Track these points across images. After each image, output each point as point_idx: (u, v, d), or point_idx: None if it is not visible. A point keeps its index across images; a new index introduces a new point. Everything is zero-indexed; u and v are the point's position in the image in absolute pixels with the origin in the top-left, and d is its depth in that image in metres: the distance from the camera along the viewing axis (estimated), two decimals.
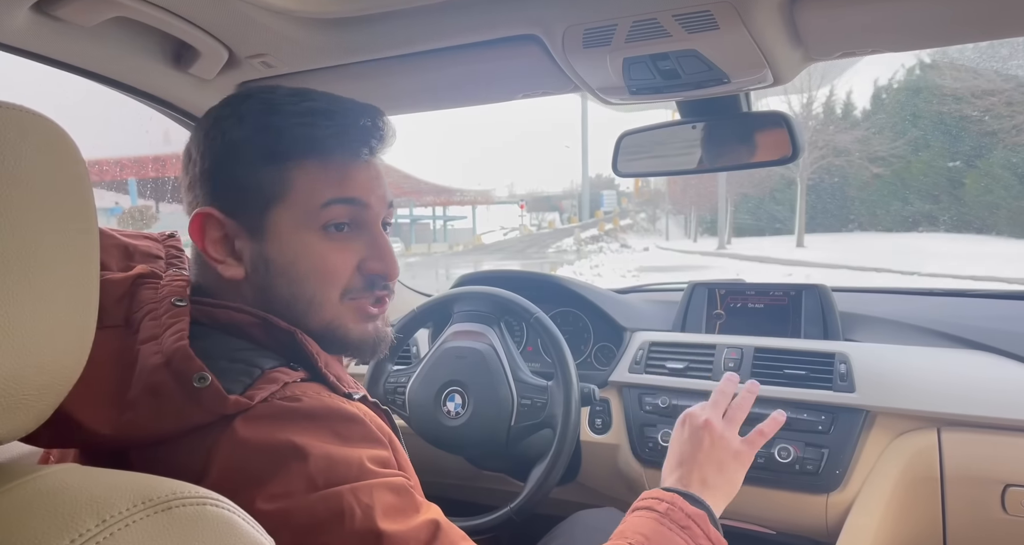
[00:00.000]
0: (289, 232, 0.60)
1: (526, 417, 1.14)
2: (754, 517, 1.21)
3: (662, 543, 0.65)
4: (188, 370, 0.49)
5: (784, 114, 1.00)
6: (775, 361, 1.22)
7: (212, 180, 0.60)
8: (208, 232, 0.59)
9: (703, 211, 26.55)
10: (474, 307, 1.25)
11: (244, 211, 0.59)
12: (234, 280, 0.60)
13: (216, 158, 0.60)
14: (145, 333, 0.51)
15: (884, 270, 13.38)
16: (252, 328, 0.56)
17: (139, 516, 0.36)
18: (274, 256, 0.59)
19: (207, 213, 0.59)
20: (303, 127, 0.59)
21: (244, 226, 0.60)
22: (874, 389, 1.12)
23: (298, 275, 0.60)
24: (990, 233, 18.97)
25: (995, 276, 10.58)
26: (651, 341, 1.35)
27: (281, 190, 0.59)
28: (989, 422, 1.04)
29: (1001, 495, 1.03)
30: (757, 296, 1.36)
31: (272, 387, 0.52)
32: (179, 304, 0.54)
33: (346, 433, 0.52)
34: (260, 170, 0.59)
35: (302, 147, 0.59)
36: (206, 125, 0.61)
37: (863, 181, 22.22)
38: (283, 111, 0.59)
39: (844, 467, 1.10)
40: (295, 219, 0.60)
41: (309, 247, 0.60)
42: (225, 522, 0.40)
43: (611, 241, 25.54)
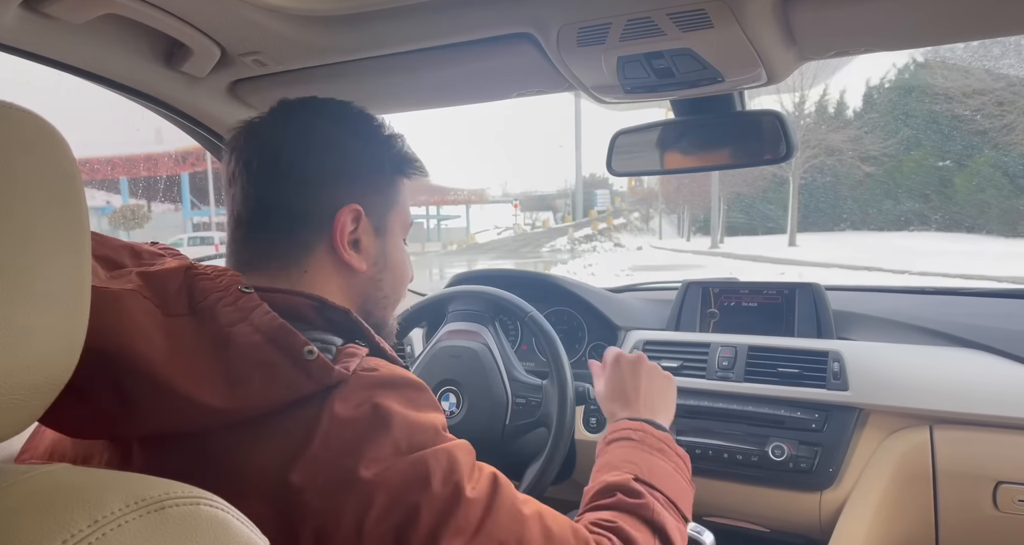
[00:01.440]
0: (396, 235, 0.71)
1: (521, 416, 1.14)
2: (748, 515, 1.22)
3: (648, 466, 0.73)
4: (295, 344, 0.51)
5: (778, 113, 1.00)
6: (769, 359, 1.22)
7: (352, 181, 0.65)
8: (346, 227, 0.64)
9: (696, 210, 26.63)
10: (468, 306, 1.25)
11: (376, 211, 0.67)
12: (355, 271, 0.66)
13: (356, 162, 0.66)
14: (227, 318, 0.52)
15: (875, 268, 13.47)
16: (308, 310, 0.59)
17: (132, 516, 0.35)
18: (390, 254, 0.70)
19: (354, 209, 0.64)
20: (404, 152, 0.70)
21: (373, 225, 0.67)
22: (867, 387, 1.12)
23: (400, 274, 0.71)
24: (981, 232, 19.10)
25: (986, 274, 10.67)
26: (645, 340, 1.35)
27: (396, 198, 0.70)
28: (981, 419, 1.04)
29: (993, 492, 1.03)
30: (751, 295, 1.36)
31: (355, 360, 0.55)
32: (247, 291, 0.55)
33: (418, 400, 0.57)
34: (387, 179, 0.69)
35: (403, 167, 0.71)
36: (312, 126, 0.65)
37: (855, 180, 22.33)
38: (392, 135, 0.70)
39: (837, 465, 1.11)
40: (399, 226, 0.71)
41: (404, 251, 0.73)
42: (219, 522, 0.40)
43: (605, 240, 25.58)
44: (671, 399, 0.92)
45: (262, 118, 0.67)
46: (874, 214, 22.49)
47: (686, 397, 1.24)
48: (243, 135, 0.66)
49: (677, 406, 1.24)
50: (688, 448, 1.20)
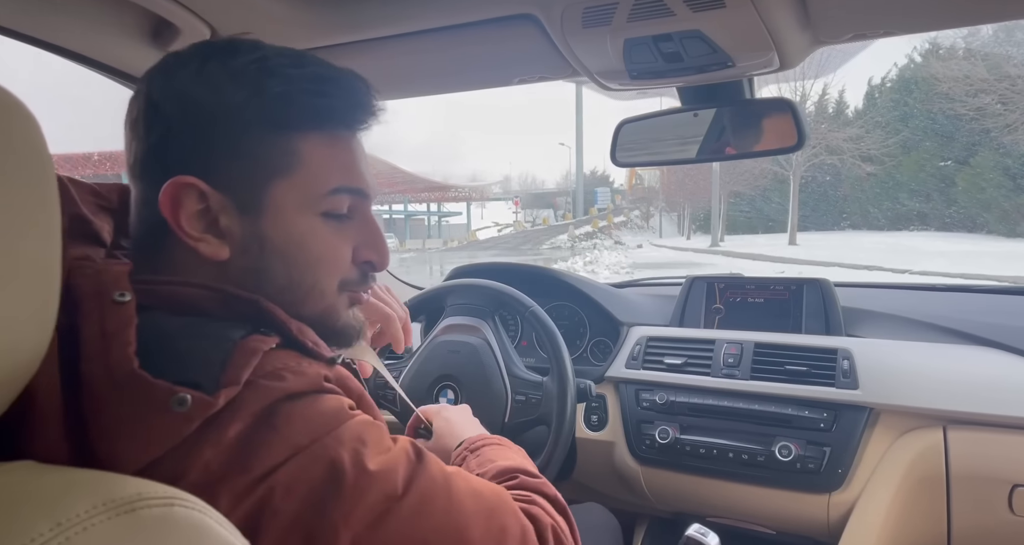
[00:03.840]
0: (292, 211, 0.54)
1: (520, 413, 1.11)
2: (753, 516, 1.18)
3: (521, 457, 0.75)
4: (157, 395, 0.42)
5: (789, 101, 0.96)
6: (776, 357, 1.19)
7: (194, 147, 0.52)
8: (184, 205, 0.51)
9: (696, 208, 26.62)
10: (468, 300, 1.22)
11: (238, 184, 0.52)
12: (214, 260, 0.52)
13: (201, 122, 0.52)
14: (87, 347, 0.43)
15: (876, 268, 13.47)
16: (206, 302, 0.50)
17: (99, 519, 0.33)
18: (271, 236, 0.53)
19: (186, 183, 0.51)
20: (311, 95, 0.53)
21: (235, 200, 0.52)
22: (878, 386, 1.09)
23: (300, 259, 0.55)
24: (981, 232, 19.11)
25: (987, 274, 10.68)
26: (649, 336, 1.32)
27: (287, 164, 0.53)
28: (998, 420, 1.01)
29: (1009, 495, 1.00)
30: (757, 290, 1.33)
31: (251, 360, 0.46)
32: (121, 300, 0.45)
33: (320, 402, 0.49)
34: (263, 139, 0.52)
35: (310, 117, 0.54)
36: (169, 85, 0.52)
37: (855, 179, 22.34)
38: (285, 74, 0.53)
39: (847, 466, 1.07)
40: (299, 198, 0.54)
41: (313, 231, 0.55)
42: (194, 524, 0.37)
43: (605, 238, 25.56)
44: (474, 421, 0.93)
45: (151, 68, 0.55)
46: (875, 213, 22.50)
47: (690, 395, 1.21)
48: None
49: (682, 404, 1.21)
50: (692, 447, 1.17)
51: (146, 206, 0.53)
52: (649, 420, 1.23)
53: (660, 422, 1.21)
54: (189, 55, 0.54)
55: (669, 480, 1.21)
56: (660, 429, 1.20)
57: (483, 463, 0.71)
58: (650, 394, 1.24)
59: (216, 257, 0.52)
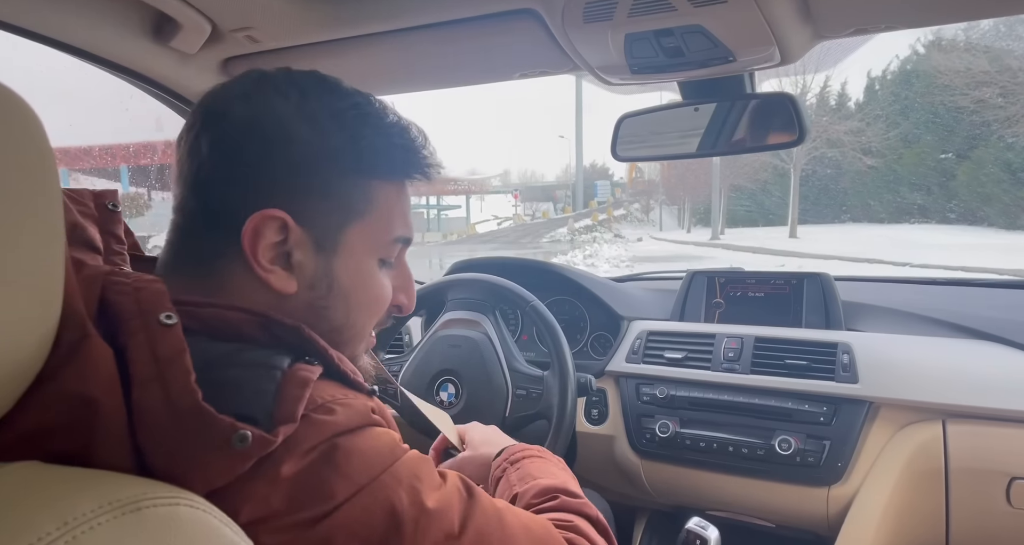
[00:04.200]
0: (360, 254, 0.56)
1: (521, 408, 1.11)
2: (753, 510, 1.19)
3: (563, 475, 0.73)
4: (220, 431, 0.41)
5: (790, 95, 0.96)
6: (776, 351, 1.19)
7: (284, 180, 0.52)
8: (265, 236, 0.51)
9: (696, 202, 26.58)
10: (468, 295, 1.22)
11: (321, 222, 0.53)
12: (279, 293, 0.53)
13: (298, 158, 0.52)
14: (138, 370, 0.41)
15: (876, 261, 13.44)
16: (247, 327, 0.49)
17: (105, 518, 0.33)
18: (340, 276, 0.55)
19: (275, 216, 0.51)
20: (396, 147, 0.56)
21: (313, 237, 0.53)
22: (878, 380, 1.09)
23: (360, 301, 0.57)
24: (982, 225, 19.08)
25: (987, 267, 10.67)
26: (649, 330, 1.32)
27: (364, 208, 0.55)
28: (996, 413, 1.01)
29: (1007, 488, 1.00)
30: (757, 285, 1.33)
31: (304, 393, 0.46)
32: (168, 322, 0.43)
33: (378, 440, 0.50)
34: (349, 182, 0.54)
35: (391, 167, 0.57)
36: (263, 111, 0.52)
37: (856, 172, 22.30)
38: (377, 124, 0.55)
39: (846, 459, 1.08)
40: (368, 243, 0.56)
41: (372, 275, 0.58)
42: (200, 523, 0.37)
43: (605, 231, 25.53)
44: None
45: (215, 88, 0.55)
46: (875, 206, 22.47)
47: (690, 389, 1.21)
48: (194, 110, 0.55)
49: (682, 398, 1.22)
50: (692, 441, 1.18)
51: (207, 228, 0.53)
52: (649, 414, 1.23)
53: (660, 416, 1.22)
54: (282, 83, 0.54)
55: (669, 474, 1.22)
56: (660, 423, 1.21)
57: (524, 477, 0.71)
58: (650, 388, 1.25)
59: (283, 290, 0.53)
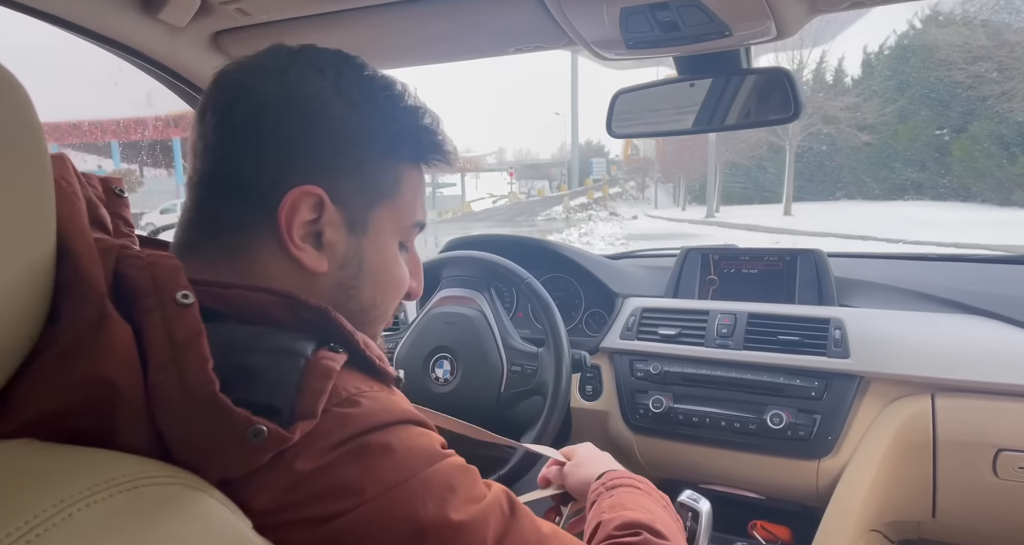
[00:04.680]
0: (386, 236, 0.57)
1: (516, 384, 1.12)
2: (744, 483, 1.21)
3: (662, 516, 0.67)
4: (235, 424, 0.40)
5: (785, 70, 0.95)
6: (769, 327, 1.20)
7: (320, 158, 0.52)
8: (300, 213, 0.51)
9: (692, 179, 26.50)
10: (463, 272, 1.22)
11: (354, 202, 0.53)
12: (311, 271, 0.52)
13: (336, 137, 0.52)
14: (154, 352, 0.40)
15: (870, 238, 13.48)
16: (273, 309, 0.47)
17: (101, 496, 0.33)
18: (369, 256, 0.55)
19: (312, 193, 0.51)
20: (422, 131, 0.57)
21: (346, 217, 0.53)
22: (869, 355, 1.10)
23: (386, 282, 0.58)
24: (975, 201, 19.12)
25: (979, 243, 10.73)
26: (643, 307, 1.33)
27: (392, 190, 0.56)
28: (985, 387, 1.03)
29: (993, 459, 1.02)
30: (751, 261, 1.34)
31: (326, 385, 0.44)
32: (186, 302, 0.41)
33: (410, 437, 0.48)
34: (381, 163, 0.55)
35: (416, 151, 0.58)
36: (296, 90, 0.52)
37: (851, 149, 22.24)
38: (406, 107, 0.56)
39: (836, 433, 1.09)
40: (393, 225, 0.57)
41: (396, 258, 0.59)
42: (197, 502, 0.37)
43: (600, 209, 25.48)
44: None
45: (242, 63, 0.54)
46: (870, 183, 22.46)
47: (684, 365, 1.23)
48: (215, 81, 0.54)
49: (675, 374, 1.23)
50: (685, 416, 1.19)
51: (238, 204, 0.51)
52: (643, 390, 1.24)
53: (654, 392, 1.23)
54: (317, 60, 0.53)
55: (662, 448, 1.24)
56: (654, 399, 1.22)
57: (614, 506, 0.67)
58: (644, 364, 1.26)
59: (315, 269, 0.52)
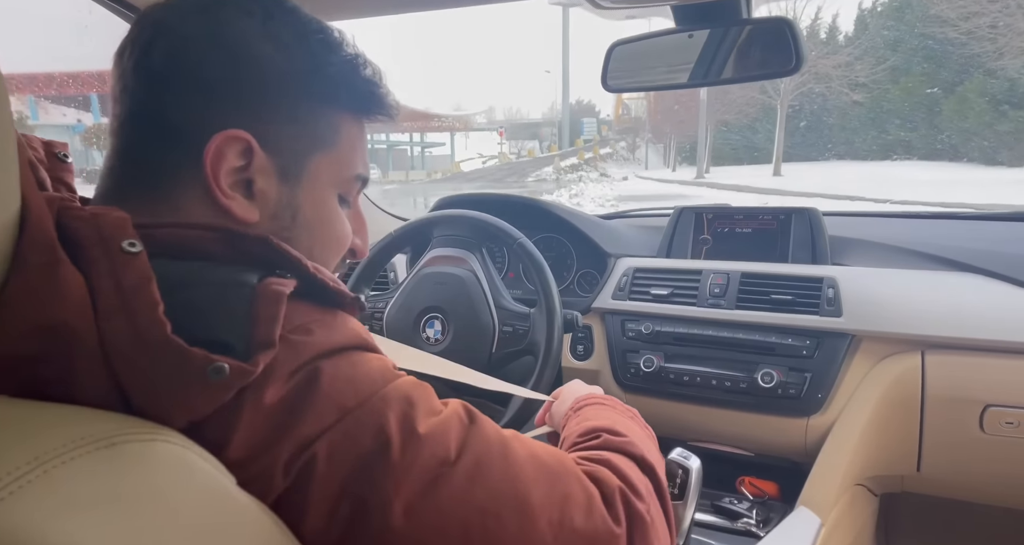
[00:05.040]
0: (324, 187, 0.54)
1: (508, 344, 1.11)
2: (733, 440, 1.22)
3: (624, 422, 0.68)
4: (194, 364, 0.39)
5: (787, 20, 0.92)
6: (762, 286, 1.19)
7: (248, 103, 0.49)
8: (226, 159, 0.48)
9: (683, 139, 26.34)
10: (454, 231, 1.20)
11: (285, 149, 0.51)
12: (241, 222, 0.49)
13: (263, 80, 0.49)
14: (103, 302, 0.38)
15: (858, 198, 13.56)
16: (210, 244, 0.45)
17: (79, 452, 0.32)
18: (304, 207, 0.53)
19: (239, 138, 0.48)
20: (362, 80, 0.54)
21: (277, 165, 0.51)
22: (861, 313, 1.10)
23: (324, 236, 0.55)
24: (962, 160, 19.20)
25: (964, 202, 10.88)
26: (635, 267, 1.32)
27: (329, 140, 0.53)
28: (975, 344, 1.03)
29: (980, 415, 1.03)
30: (745, 220, 1.32)
31: (278, 311, 0.43)
32: (132, 250, 0.40)
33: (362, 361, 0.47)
34: (315, 110, 0.52)
35: (355, 100, 0.55)
36: (221, 31, 0.49)
37: (843, 108, 22.15)
38: (343, 54, 0.53)
39: (826, 391, 1.10)
40: (331, 176, 0.54)
41: (335, 211, 0.56)
42: (178, 459, 0.36)
43: (590, 170, 25.33)
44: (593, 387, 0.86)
45: (167, 2, 0.51)
46: (859, 143, 22.45)
47: (676, 325, 1.22)
48: (137, 19, 0.51)
49: (667, 333, 1.22)
50: (676, 375, 1.19)
51: (160, 150, 0.49)
52: (634, 349, 1.24)
53: (645, 351, 1.23)
54: (247, 3, 0.50)
55: (652, 406, 1.24)
56: (645, 358, 1.22)
57: (580, 422, 0.68)
58: (636, 324, 1.25)
59: (245, 218, 0.49)
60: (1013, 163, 17.04)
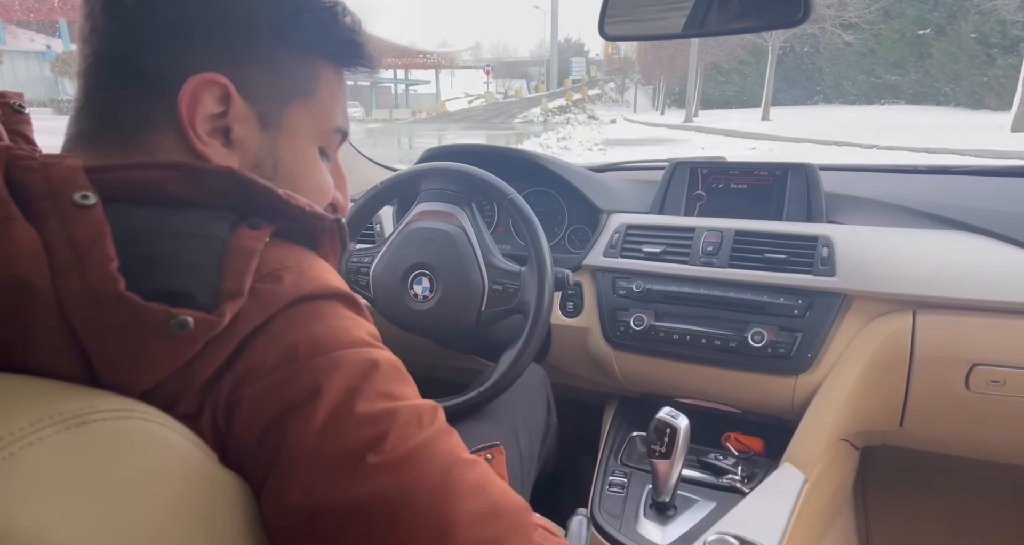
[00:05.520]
0: (304, 138, 0.53)
1: (497, 303, 1.10)
2: (721, 397, 1.23)
3: None
4: (154, 319, 0.37)
5: None
6: (756, 245, 1.17)
7: (227, 47, 0.47)
8: (203, 104, 0.46)
9: (672, 81, 25.86)
10: (443, 185, 1.16)
11: (265, 96, 0.49)
12: None
13: (244, 25, 0.48)
14: (57, 259, 0.36)
15: (845, 143, 13.56)
16: (171, 184, 0.42)
17: (47, 432, 0.30)
18: (285, 157, 0.52)
19: (216, 82, 0.46)
20: (344, 29, 0.53)
21: (257, 112, 0.49)
22: (855, 273, 1.09)
23: (305, 187, 0.53)
24: (949, 104, 19.14)
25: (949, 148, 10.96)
26: (628, 224, 1.29)
27: (308, 89, 0.52)
28: (966, 303, 1.03)
29: (967, 373, 1.04)
30: (740, 176, 1.29)
31: (250, 264, 0.41)
32: (85, 203, 0.38)
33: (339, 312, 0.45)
34: (292, 56, 0.51)
35: (336, 50, 0.54)
36: None
37: (834, 51, 21.82)
38: (324, 3, 0.51)
39: (816, 350, 1.10)
40: (311, 127, 0.53)
41: (316, 162, 0.55)
42: (154, 437, 0.34)
43: (579, 112, 24.91)
44: None
45: None
46: (848, 87, 22.22)
47: (667, 283, 1.21)
48: None
49: (658, 292, 1.21)
50: (666, 334, 1.19)
51: (133, 92, 0.46)
52: (625, 308, 1.23)
53: (635, 310, 1.22)
54: None
55: (641, 364, 1.24)
56: (635, 316, 1.21)
57: None
58: (627, 282, 1.23)
59: (221, 165, 0.46)
60: (998, 107, 17.03)
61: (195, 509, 0.36)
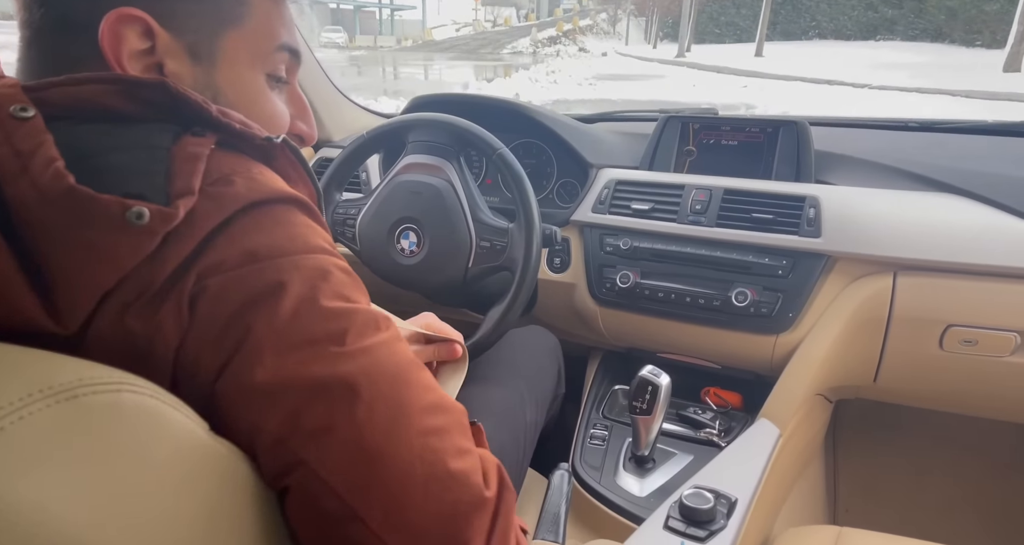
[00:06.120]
0: (244, 66, 0.51)
1: (485, 259, 1.09)
2: (702, 353, 1.25)
3: None
4: (109, 212, 0.37)
5: None
6: (744, 204, 1.17)
7: None
8: (127, 41, 0.45)
9: (665, 14, 25.04)
10: (431, 138, 1.14)
11: (189, 28, 0.48)
12: None
13: None
14: (2, 167, 0.37)
15: (836, 82, 13.38)
16: (108, 98, 0.42)
17: (37, 406, 0.30)
18: (225, 89, 0.50)
19: (133, 16, 0.45)
20: None
21: (186, 46, 0.48)
22: (840, 235, 1.10)
23: (254, 120, 0.50)
24: (944, 41, 18.83)
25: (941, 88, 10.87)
26: (617, 179, 1.28)
27: (239, 13, 0.50)
28: (945, 266, 1.04)
29: (941, 334, 1.07)
30: (732, 132, 1.27)
31: (197, 167, 0.41)
32: (25, 115, 0.39)
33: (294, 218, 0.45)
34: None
35: None
36: None
37: None
38: None
39: (797, 310, 1.12)
40: (249, 53, 0.51)
41: (262, 91, 0.53)
42: (146, 410, 0.34)
43: (569, 44, 24.16)
44: None
45: None
46: (844, 22, 21.68)
47: (654, 241, 1.21)
48: None
49: (645, 249, 1.21)
50: (651, 291, 1.20)
51: (61, 38, 0.46)
52: (611, 264, 1.24)
53: (622, 267, 1.22)
54: None
55: (626, 320, 1.26)
56: (621, 274, 1.21)
57: None
58: (614, 239, 1.24)
59: None
60: (992, 44, 16.79)
61: (188, 480, 0.36)
